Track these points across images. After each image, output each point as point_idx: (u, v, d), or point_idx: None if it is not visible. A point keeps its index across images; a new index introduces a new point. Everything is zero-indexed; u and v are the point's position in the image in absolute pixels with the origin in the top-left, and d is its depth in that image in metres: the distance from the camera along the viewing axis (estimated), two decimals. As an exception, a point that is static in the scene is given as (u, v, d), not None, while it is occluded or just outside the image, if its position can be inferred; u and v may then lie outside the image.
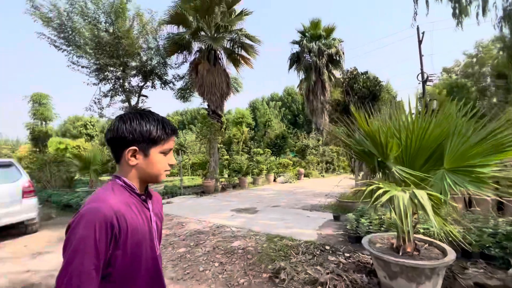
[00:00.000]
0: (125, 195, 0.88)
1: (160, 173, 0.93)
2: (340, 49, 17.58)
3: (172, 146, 0.96)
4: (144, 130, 0.88)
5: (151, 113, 0.94)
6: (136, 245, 0.85)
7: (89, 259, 0.73)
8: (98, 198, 0.82)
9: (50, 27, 10.28)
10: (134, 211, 0.87)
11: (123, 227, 0.80)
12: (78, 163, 9.15)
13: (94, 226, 0.74)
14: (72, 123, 39.19)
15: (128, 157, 0.88)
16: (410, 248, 2.36)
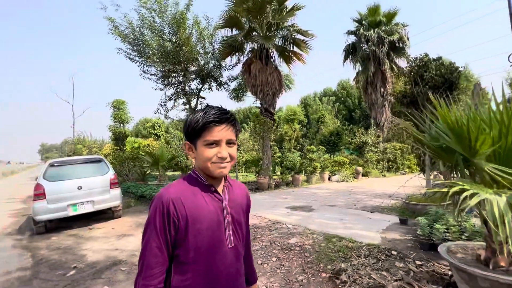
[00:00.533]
0: (194, 185, 0.92)
1: (206, 165, 0.88)
2: (404, 34, 15.75)
3: (220, 137, 0.87)
4: (188, 123, 0.90)
5: (206, 106, 0.93)
6: (200, 234, 0.86)
7: (152, 238, 0.84)
8: (167, 186, 0.92)
9: (126, 42, 11.92)
10: (199, 200, 0.89)
11: (181, 213, 0.84)
12: (149, 159, 10.41)
13: (155, 210, 0.85)
14: (142, 125, 44.79)
15: (187, 151, 0.95)
16: (505, 262, 1.99)
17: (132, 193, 9.64)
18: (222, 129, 0.87)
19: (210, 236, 0.88)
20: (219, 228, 0.91)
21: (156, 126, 35.24)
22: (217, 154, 0.87)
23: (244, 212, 1.05)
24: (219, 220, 0.91)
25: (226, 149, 0.89)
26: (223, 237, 0.92)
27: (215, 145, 0.87)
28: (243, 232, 1.02)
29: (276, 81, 11.44)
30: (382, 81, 16.25)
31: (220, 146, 0.88)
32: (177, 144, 27.03)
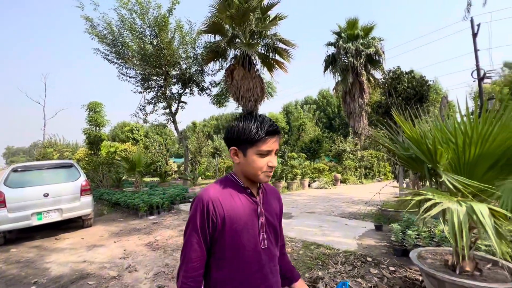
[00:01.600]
0: (231, 187, 0.98)
1: (256, 173, 0.93)
2: (380, 48, 16.61)
3: (272, 147, 0.93)
4: (241, 131, 0.92)
5: (256, 114, 0.95)
6: (236, 233, 0.92)
7: (192, 234, 0.92)
8: (206, 187, 0.98)
9: (104, 43, 11.51)
10: (236, 202, 0.95)
11: (219, 213, 0.90)
12: (125, 165, 9.98)
13: (196, 208, 0.92)
14: (120, 128, 43.10)
15: (231, 156, 0.98)
16: (470, 267, 2.09)
17: (105, 200, 9.16)
18: (275, 140, 0.93)
19: (245, 236, 0.94)
20: (254, 229, 0.96)
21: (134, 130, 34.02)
22: (268, 163, 0.93)
23: (278, 215, 1.10)
24: (254, 222, 0.96)
25: (275, 157, 0.95)
26: (257, 237, 0.96)
27: (266, 155, 0.92)
28: (276, 234, 1.06)
29: (258, 88, 11.54)
30: (360, 91, 16.93)
31: (272, 155, 0.94)
32: (156, 149, 26.24)
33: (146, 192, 8.58)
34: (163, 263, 3.66)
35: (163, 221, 6.32)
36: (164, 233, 5.24)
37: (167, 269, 3.44)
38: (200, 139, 22.40)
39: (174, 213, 7.37)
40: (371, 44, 16.47)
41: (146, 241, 4.72)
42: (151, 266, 3.59)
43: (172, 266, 3.52)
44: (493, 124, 1.98)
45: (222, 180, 1.01)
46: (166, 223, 6.15)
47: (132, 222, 6.37)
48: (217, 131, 45.75)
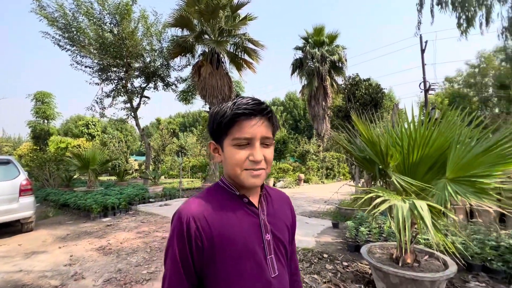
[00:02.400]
0: (221, 196, 0.74)
1: (235, 172, 0.69)
2: (343, 56, 17.63)
3: (253, 134, 0.67)
4: (212, 117, 0.72)
5: (236, 96, 0.73)
6: (233, 260, 0.67)
7: (170, 268, 0.68)
8: (188, 200, 0.73)
9: (55, 26, 10.38)
10: (229, 216, 0.70)
11: (206, 234, 0.66)
12: (77, 162, 9.12)
13: (173, 232, 0.68)
14: (74, 122, 39.36)
15: (211, 152, 0.77)
16: (410, 259, 2.30)
17: (52, 201, 8.26)
18: (255, 123, 0.67)
19: (246, 264, 0.68)
20: (257, 252, 0.70)
21: (90, 125, 31.36)
22: (249, 157, 0.68)
23: (289, 228, 0.83)
24: (257, 242, 0.71)
25: (261, 150, 0.68)
26: (263, 263, 0.70)
27: (246, 145, 0.68)
28: (287, 255, 0.80)
29: (226, 86, 11.42)
30: (324, 95, 17.78)
31: (253, 146, 0.68)
32: (115, 146, 24.46)
33: (101, 192, 7.93)
34: (116, 268, 3.41)
35: (119, 223, 5.90)
36: (119, 235, 4.89)
37: (119, 275, 3.20)
38: (164, 136, 21.45)
39: (132, 214, 6.93)
40: (335, 51, 17.39)
41: (97, 245, 4.35)
42: (101, 272, 3.31)
43: (125, 272, 3.29)
44: (433, 130, 2.22)
45: (210, 188, 0.78)
46: (122, 225, 5.74)
47: (82, 225, 5.83)
48: (183, 128, 44.31)
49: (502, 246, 2.84)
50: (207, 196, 0.74)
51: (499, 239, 3.03)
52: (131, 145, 34.04)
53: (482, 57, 21.40)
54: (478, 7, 5.41)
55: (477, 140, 2.12)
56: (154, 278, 3.09)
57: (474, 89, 22.22)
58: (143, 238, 4.71)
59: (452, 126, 2.22)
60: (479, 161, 2.05)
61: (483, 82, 21.84)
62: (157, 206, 7.80)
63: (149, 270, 3.30)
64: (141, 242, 4.47)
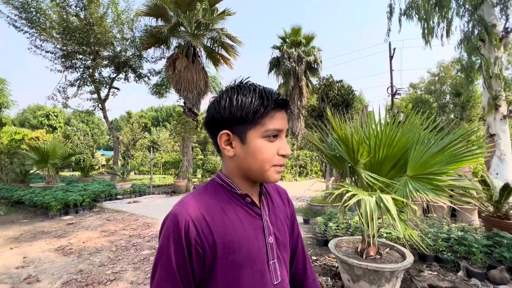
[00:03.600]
0: (221, 196, 0.66)
1: (264, 168, 0.62)
2: (318, 57, 18.15)
3: (283, 126, 0.63)
4: (236, 104, 0.61)
5: (251, 84, 0.66)
6: (235, 267, 0.60)
7: (163, 280, 0.59)
8: (182, 200, 0.65)
9: (10, 5, 9.36)
10: (232, 219, 0.63)
11: (207, 240, 0.59)
12: (34, 156, 8.35)
13: (167, 238, 0.59)
14: (32, 112, 36.00)
15: (222, 145, 0.65)
16: (373, 252, 2.44)
17: (4, 198, 7.50)
18: (283, 116, 0.64)
19: (249, 271, 0.62)
20: (260, 258, 0.64)
21: (51, 116, 28.94)
22: (279, 151, 0.63)
23: (289, 226, 0.78)
24: (260, 246, 0.65)
25: (286, 143, 0.65)
26: (265, 270, 0.64)
27: (275, 137, 0.63)
28: (288, 257, 0.75)
29: (202, 81, 11.18)
30: (299, 95, 18.18)
31: (282, 139, 0.64)
32: (80, 139, 22.81)
33: (62, 188, 7.36)
34: (76, 269, 3.19)
35: (82, 222, 5.52)
36: (81, 234, 4.58)
37: (80, 276, 3.00)
38: (135, 130, 20.46)
39: (97, 212, 6.53)
40: (311, 52, 17.84)
41: (56, 246, 4.03)
42: (59, 274, 3.07)
43: (87, 272, 3.09)
44: (397, 131, 2.37)
45: (206, 186, 0.69)
46: (85, 223, 5.39)
47: (39, 224, 5.37)
48: (156, 123, 42.65)
49: (452, 238, 3.14)
50: (205, 195, 0.66)
51: (450, 232, 3.34)
52: (98, 139, 32.01)
53: (441, 67, 23.34)
54: (440, 20, 5.87)
55: (434, 142, 2.31)
56: (119, 278, 2.94)
57: (434, 95, 24.19)
58: (109, 236, 4.46)
59: (413, 128, 2.39)
60: (435, 161, 2.23)
61: (441, 89, 23.85)
62: (125, 203, 7.43)
63: (114, 270, 3.14)
64: (106, 241, 4.23)
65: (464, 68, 5.93)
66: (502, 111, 5.13)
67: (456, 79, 21.83)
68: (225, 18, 11.34)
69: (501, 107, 5.12)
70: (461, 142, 2.22)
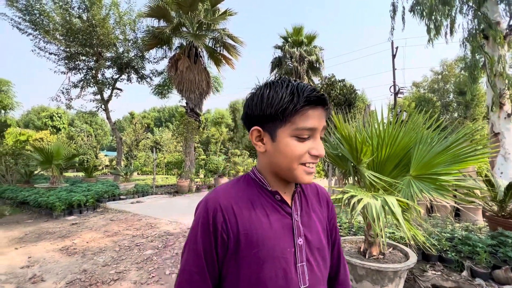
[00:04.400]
0: (252, 191, 0.67)
1: (291, 166, 0.61)
2: (320, 57, 18.08)
3: (317, 125, 0.60)
4: (267, 101, 0.61)
5: (286, 80, 0.63)
6: (257, 262, 0.60)
7: (190, 260, 0.62)
8: (215, 189, 0.68)
9: (14, 7, 9.46)
10: (259, 214, 0.63)
11: (232, 229, 0.60)
12: (39, 157, 8.43)
13: (197, 222, 0.62)
14: (36, 114, 36.33)
15: (253, 141, 0.65)
16: (376, 252, 2.43)
17: (9, 198, 7.58)
18: (319, 114, 0.61)
19: (271, 269, 0.60)
20: (286, 258, 0.62)
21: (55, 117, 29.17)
22: (310, 151, 0.61)
23: (327, 230, 0.75)
24: (287, 246, 0.63)
25: (321, 143, 0.63)
26: (291, 272, 0.62)
27: (307, 136, 0.61)
28: (325, 263, 0.71)
29: (204, 81, 11.20)
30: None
31: (315, 138, 0.62)
32: (84, 140, 22.97)
33: (66, 189, 7.42)
34: (80, 269, 3.21)
35: (85, 222, 5.57)
36: (85, 235, 4.61)
37: (84, 276, 3.02)
38: (137, 131, 20.56)
39: (100, 212, 6.58)
40: (313, 52, 17.79)
41: (60, 246, 4.07)
42: (63, 273, 3.10)
43: (91, 272, 3.12)
44: (400, 131, 2.35)
45: (239, 179, 0.70)
46: (88, 223, 5.43)
47: (43, 225, 5.42)
48: (158, 124, 42.82)
49: (456, 238, 3.11)
50: (237, 187, 0.67)
51: (454, 231, 3.32)
52: (102, 140, 32.22)
53: (444, 65, 23.16)
54: (443, 18, 5.82)
55: (437, 141, 2.29)
56: (122, 278, 2.96)
57: (437, 94, 24.01)
58: (112, 236, 4.49)
59: (416, 128, 2.37)
60: (439, 160, 2.22)
61: (445, 88, 23.67)
62: (128, 203, 7.48)
63: (118, 270, 3.16)
64: (110, 241, 4.26)
65: (467, 66, 5.87)
66: (506, 109, 5.08)
67: (460, 78, 21.65)
68: (227, 18, 11.36)
69: (505, 106, 5.07)
70: (465, 142, 2.20)
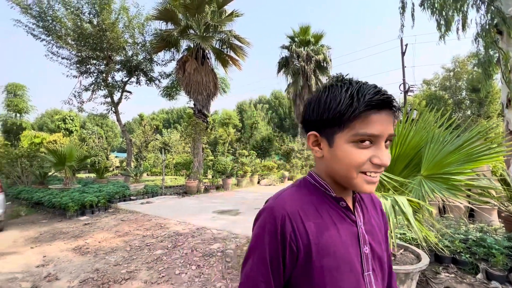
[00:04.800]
0: (315, 196, 0.63)
1: (350, 175, 0.57)
2: (328, 56, 17.93)
3: (380, 131, 0.54)
4: (324, 105, 0.58)
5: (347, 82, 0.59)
6: (329, 273, 0.57)
7: (257, 271, 0.59)
8: (277, 194, 0.65)
9: (28, 14, 9.77)
10: (326, 222, 0.60)
11: (302, 238, 0.57)
12: (52, 159, 8.68)
13: (263, 229, 0.59)
14: (50, 117, 37.42)
15: (310, 146, 0.64)
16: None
17: (24, 199, 7.83)
18: (385, 119, 0.55)
19: (344, 279, 0.58)
20: (355, 267, 0.60)
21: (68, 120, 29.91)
22: (372, 159, 0.55)
23: (384, 239, 0.72)
24: (354, 255, 0.61)
25: (385, 151, 0.57)
26: (360, 281, 0.60)
27: (369, 143, 0.56)
28: (384, 273, 0.68)
29: (211, 82, 11.28)
30: (309, 94, 18.00)
31: (379, 146, 0.56)
32: (95, 142, 23.50)
33: (78, 190, 7.61)
34: (93, 268, 3.29)
35: (97, 222, 5.69)
36: (97, 235, 4.71)
37: (96, 275, 3.09)
38: (146, 132, 20.88)
39: (112, 212, 6.71)
40: (320, 51, 17.65)
41: (73, 245, 4.17)
42: (77, 272, 3.18)
43: (103, 271, 3.18)
44: (410, 130, 2.31)
45: (299, 185, 0.67)
46: (100, 224, 5.54)
47: (57, 225, 5.57)
48: (167, 125, 43.37)
49: (470, 239, 3.02)
50: (299, 192, 0.64)
51: (468, 232, 3.22)
52: (112, 141, 32.89)
53: (456, 62, 22.55)
54: (455, 12, 5.66)
55: (449, 140, 2.23)
56: (133, 277, 3.01)
57: (449, 91, 23.40)
58: (123, 237, 4.57)
59: (427, 126, 2.32)
60: (451, 160, 2.16)
61: (457, 85, 23.04)
62: (138, 204, 7.60)
63: (129, 269, 3.22)
64: (121, 241, 4.34)
65: (481, 63, 5.68)
66: (522, 106, 4.88)
67: (473, 74, 21.04)
68: (233, 19, 11.41)
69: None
70: (478, 140, 2.14)
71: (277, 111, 39.91)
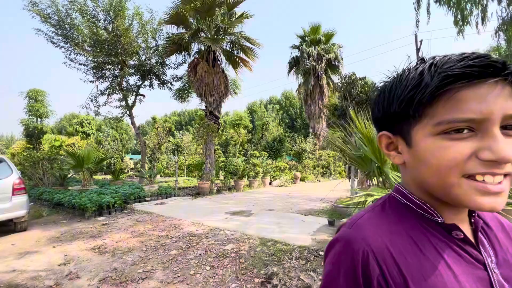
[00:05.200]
0: (410, 222, 0.45)
1: (444, 180, 0.39)
2: (339, 54, 17.69)
3: (484, 112, 0.36)
4: (386, 97, 0.45)
5: (422, 61, 0.43)
6: None
7: None
8: (353, 219, 0.48)
9: (48, 23, 10.22)
10: (434, 262, 0.41)
11: (394, 281, 0.40)
12: (71, 161, 9.02)
13: (337, 269, 0.44)
14: (68, 121, 38.93)
15: (384, 150, 0.49)
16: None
17: (46, 200, 8.17)
18: (483, 93, 0.36)
19: None
20: None
21: (85, 123, 30.97)
22: (479, 153, 0.37)
23: None
24: None
25: (506, 140, 0.37)
26: None
27: (468, 131, 0.38)
28: None
29: (222, 84, 11.38)
30: (320, 94, 17.83)
31: (486, 133, 0.37)
32: (110, 144, 24.26)
33: (96, 191, 7.86)
34: (111, 267, 3.39)
35: (114, 222, 5.86)
36: (114, 235, 4.85)
37: (115, 274, 3.18)
38: (160, 135, 21.31)
39: (128, 213, 6.89)
40: (331, 50, 17.44)
41: (92, 245, 4.31)
42: (96, 271, 3.29)
43: (121, 270, 3.27)
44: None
45: (383, 205, 0.49)
46: (117, 224, 5.70)
47: (77, 225, 5.77)
48: (179, 127, 44.09)
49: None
50: (385, 217, 0.46)
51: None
52: (127, 144, 33.81)
53: (476, 57, 21.66)
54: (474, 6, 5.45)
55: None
56: (149, 277, 3.08)
57: (468, 88, 22.51)
58: (139, 237, 4.68)
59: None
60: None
61: (476, 81, 22.13)
62: (152, 205, 7.76)
63: (145, 269, 3.29)
64: (137, 241, 4.45)
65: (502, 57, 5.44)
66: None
67: (493, 69, 20.13)
68: (244, 21, 11.48)
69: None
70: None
71: (288, 112, 39.73)
